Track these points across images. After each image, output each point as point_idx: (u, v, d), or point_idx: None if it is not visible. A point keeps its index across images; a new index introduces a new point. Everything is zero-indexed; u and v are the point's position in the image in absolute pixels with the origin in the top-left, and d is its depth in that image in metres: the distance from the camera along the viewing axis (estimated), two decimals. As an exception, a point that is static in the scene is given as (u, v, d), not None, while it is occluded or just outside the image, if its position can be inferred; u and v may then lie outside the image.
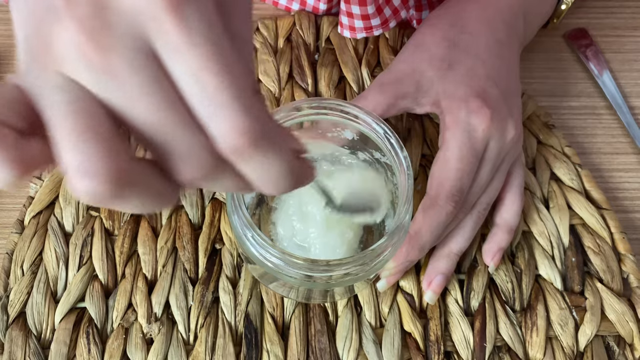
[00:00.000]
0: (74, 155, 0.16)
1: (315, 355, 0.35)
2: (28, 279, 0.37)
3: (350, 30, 0.44)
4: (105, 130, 0.16)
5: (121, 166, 0.16)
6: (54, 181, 0.41)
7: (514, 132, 0.37)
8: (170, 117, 0.16)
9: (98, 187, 0.16)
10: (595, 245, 0.40)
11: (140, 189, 0.17)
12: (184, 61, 0.16)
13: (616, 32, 0.52)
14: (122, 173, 0.16)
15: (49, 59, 0.16)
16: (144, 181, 0.17)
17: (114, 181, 0.16)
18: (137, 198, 0.17)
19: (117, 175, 0.16)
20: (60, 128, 0.16)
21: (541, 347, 0.36)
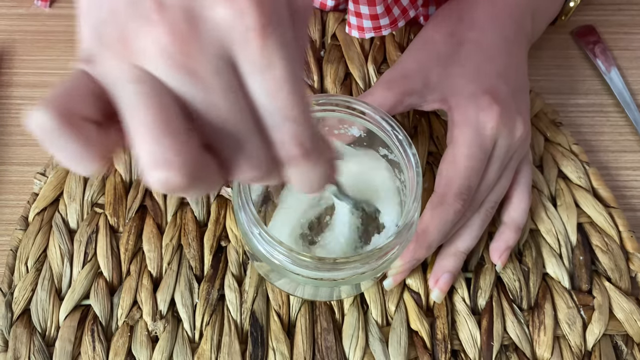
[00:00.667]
0: (151, 146, 0.17)
1: (322, 353, 0.35)
2: (32, 276, 0.37)
3: (359, 30, 0.44)
4: (180, 124, 0.17)
5: (194, 159, 0.17)
6: (58, 177, 0.41)
7: (523, 129, 0.36)
8: (242, 121, 0.18)
9: (173, 178, 0.17)
10: (603, 243, 0.39)
11: (205, 180, 0.18)
12: (262, 80, 0.18)
13: (624, 30, 0.51)
14: (195, 166, 0.17)
15: (127, 51, 0.17)
16: (209, 174, 0.18)
17: (187, 173, 0.17)
18: (200, 188, 0.18)
19: (191, 168, 0.17)
20: (138, 119, 0.17)
21: (549, 346, 0.36)
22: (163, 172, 0.17)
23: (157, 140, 0.17)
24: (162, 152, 0.17)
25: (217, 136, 0.18)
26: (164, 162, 0.17)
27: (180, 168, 0.17)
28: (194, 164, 0.17)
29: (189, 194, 0.18)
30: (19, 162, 0.43)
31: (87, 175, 0.18)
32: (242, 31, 0.17)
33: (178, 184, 0.17)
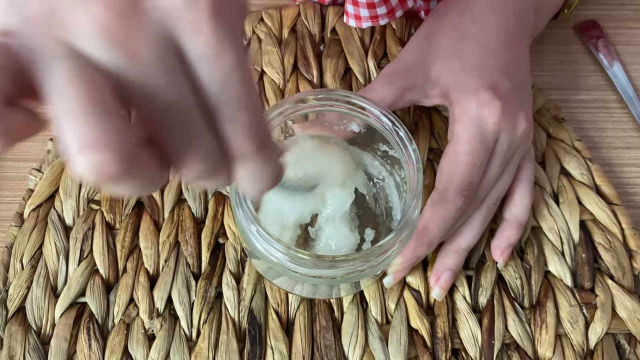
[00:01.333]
0: (80, 126, 0.15)
1: (320, 352, 0.35)
2: (28, 273, 0.37)
3: (356, 20, 0.43)
4: (113, 107, 0.16)
5: (129, 144, 0.16)
6: (54, 173, 0.40)
7: (525, 125, 0.36)
8: (187, 110, 0.17)
9: (105, 162, 0.15)
10: (605, 241, 0.39)
11: (143, 172, 0.17)
12: (214, 67, 0.17)
13: (627, 24, 0.50)
14: (131, 152, 0.16)
15: (56, 26, 0.16)
16: (148, 165, 0.17)
17: (121, 158, 0.15)
18: (136, 180, 0.16)
19: (126, 153, 0.15)
20: (66, 97, 0.15)
21: (550, 344, 0.35)
22: (93, 155, 0.15)
23: (87, 120, 0.15)
24: (92, 133, 0.15)
25: (158, 126, 0.17)
26: (94, 144, 0.15)
27: (113, 151, 0.15)
28: (129, 149, 0.15)
29: (125, 186, 0.16)
30: (15, 158, 0.43)
31: None
32: (190, 14, 0.16)
33: (110, 170, 0.15)
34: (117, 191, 0.17)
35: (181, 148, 0.17)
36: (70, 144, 0.15)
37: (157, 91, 0.16)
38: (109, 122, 0.15)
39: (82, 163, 0.15)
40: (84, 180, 0.16)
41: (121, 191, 0.17)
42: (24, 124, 0.16)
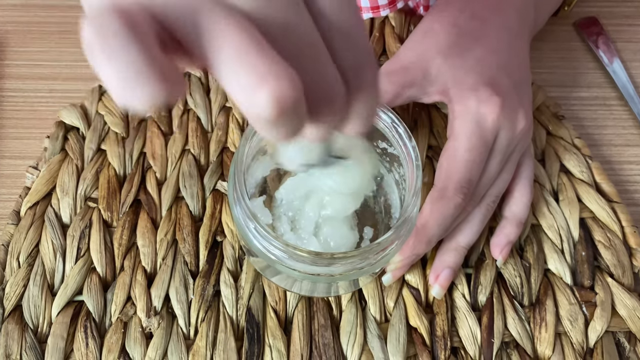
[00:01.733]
0: (253, 64, 0.15)
1: (319, 350, 0.35)
2: (24, 271, 0.36)
3: None
4: (269, 45, 0.16)
5: (294, 73, 0.16)
6: (50, 171, 0.40)
7: (525, 122, 0.35)
8: (317, 45, 0.18)
9: (286, 88, 0.15)
10: (605, 239, 0.39)
11: (300, 113, 0.17)
12: None
13: (627, 21, 0.50)
14: (298, 78, 0.16)
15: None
16: (303, 107, 0.17)
17: (296, 86, 0.16)
18: (297, 117, 0.17)
19: (296, 79, 0.16)
20: (232, 41, 0.15)
21: (550, 343, 0.35)
22: (274, 82, 0.15)
23: (258, 57, 0.15)
24: (267, 67, 0.15)
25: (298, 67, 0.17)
26: (272, 75, 0.15)
27: (289, 80, 0.15)
28: (297, 78, 0.16)
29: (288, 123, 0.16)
30: (11, 155, 0.42)
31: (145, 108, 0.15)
32: None
33: (291, 98, 0.15)
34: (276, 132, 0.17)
35: (318, 88, 0.18)
36: (246, 82, 0.15)
37: (291, 29, 0.17)
38: (275, 57, 0.16)
39: (263, 95, 0.15)
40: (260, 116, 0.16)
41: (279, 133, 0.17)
42: (178, 77, 0.16)
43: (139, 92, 0.15)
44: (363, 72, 0.19)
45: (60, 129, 0.42)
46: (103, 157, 0.41)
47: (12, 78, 0.46)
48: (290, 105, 0.16)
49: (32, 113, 0.44)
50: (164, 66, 0.15)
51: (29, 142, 0.43)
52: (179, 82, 0.16)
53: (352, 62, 0.19)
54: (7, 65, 0.47)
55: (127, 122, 0.43)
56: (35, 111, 0.44)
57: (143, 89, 0.14)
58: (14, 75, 0.46)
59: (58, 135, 0.42)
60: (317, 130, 0.20)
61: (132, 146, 0.42)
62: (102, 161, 0.41)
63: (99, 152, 0.41)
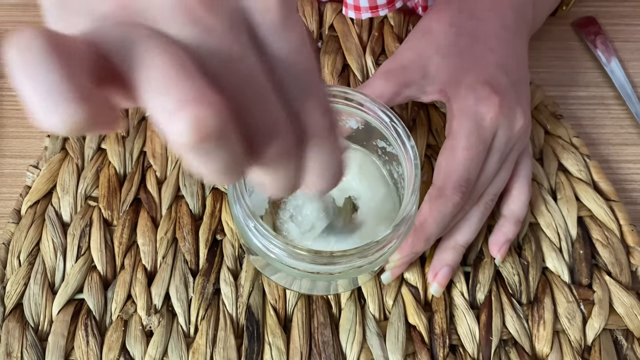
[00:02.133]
0: (177, 88, 0.15)
1: (318, 348, 0.35)
2: (25, 269, 0.37)
3: (355, 11, 0.43)
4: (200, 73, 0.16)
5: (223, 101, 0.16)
6: (51, 170, 0.40)
7: (523, 121, 0.36)
8: (260, 83, 0.17)
9: (206, 115, 0.15)
10: (603, 237, 0.39)
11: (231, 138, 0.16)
12: (284, 37, 0.17)
13: (625, 21, 0.51)
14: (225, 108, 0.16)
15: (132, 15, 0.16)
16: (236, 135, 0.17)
17: (219, 113, 0.15)
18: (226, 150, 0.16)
19: (221, 109, 0.15)
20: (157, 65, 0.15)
21: (548, 341, 0.35)
22: (192, 108, 0.15)
23: (181, 81, 0.15)
24: (189, 92, 0.15)
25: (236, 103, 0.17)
26: (193, 99, 0.15)
27: (211, 105, 0.15)
28: (223, 106, 0.16)
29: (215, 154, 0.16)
30: (12, 154, 0.43)
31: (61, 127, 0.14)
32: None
33: (211, 125, 0.15)
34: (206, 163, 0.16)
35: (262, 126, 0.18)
36: (166, 107, 0.15)
37: (231, 64, 0.17)
38: (200, 84, 0.15)
39: (181, 120, 0.15)
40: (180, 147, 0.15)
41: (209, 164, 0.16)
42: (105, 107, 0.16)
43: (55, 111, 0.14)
44: (314, 116, 0.18)
45: (60, 128, 0.42)
46: (103, 156, 0.41)
47: (13, 77, 0.46)
48: (211, 133, 0.15)
49: (33, 112, 0.44)
50: (83, 88, 0.15)
51: (30, 141, 0.43)
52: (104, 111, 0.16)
53: (303, 105, 0.18)
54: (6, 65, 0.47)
55: (128, 121, 0.43)
56: (36, 110, 0.44)
57: (59, 107, 0.14)
58: (14, 74, 0.46)
59: (58, 134, 0.42)
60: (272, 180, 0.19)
61: (132, 145, 0.42)
62: (102, 160, 0.41)
63: (99, 151, 0.42)
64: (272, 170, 0.19)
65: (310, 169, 0.19)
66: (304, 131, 0.19)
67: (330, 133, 0.19)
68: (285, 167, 0.19)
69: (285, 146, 0.18)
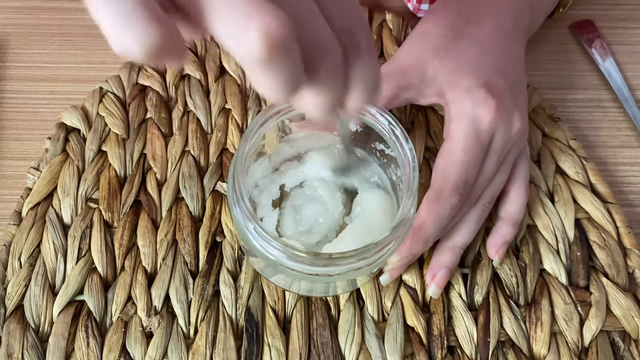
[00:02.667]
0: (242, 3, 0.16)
1: (317, 349, 0.35)
2: (26, 271, 0.37)
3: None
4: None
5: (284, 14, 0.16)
6: (52, 172, 0.40)
7: (520, 124, 0.36)
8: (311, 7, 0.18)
9: (274, 23, 0.16)
10: (600, 239, 0.39)
11: (295, 51, 0.17)
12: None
13: (622, 24, 0.51)
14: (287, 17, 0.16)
15: None
16: (295, 49, 0.17)
17: (285, 23, 0.16)
18: (289, 64, 0.17)
19: (286, 17, 0.16)
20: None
21: (545, 342, 0.36)
22: (263, 19, 0.15)
23: None
24: (255, 6, 0.16)
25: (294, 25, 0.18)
26: (260, 12, 0.16)
27: (277, 16, 0.16)
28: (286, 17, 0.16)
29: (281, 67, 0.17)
30: (13, 156, 0.43)
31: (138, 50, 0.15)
32: None
33: (280, 34, 0.16)
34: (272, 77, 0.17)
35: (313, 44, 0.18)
36: (235, 23, 0.16)
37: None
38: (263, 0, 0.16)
39: (252, 32, 0.15)
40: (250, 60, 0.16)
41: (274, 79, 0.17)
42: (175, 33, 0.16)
43: (131, 34, 0.15)
44: (356, 35, 0.20)
45: (61, 130, 0.42)
46: (104, 159, 0.41)
47: (13, 80, 0.46)
48: (280, 42, 0.16)
49: (33, 115, 0.45)
50: (156, 10, 0.15)
51: (30, 144, 0.43)
52: (174, 38, 0.16)
53: (345, 25, 0.19)
54: (8, 67, 0.47)
55: (128, 123, 0.43)
56: (37, 113, 0.45)
57: (135, 30, 0.15)
58: (15, 77, 0.47)
59: (59, 136, 0.42)
60: (320, 98, 0.20)
61: (132, 147, 0.42)
62: (102, 162, 0.41)
63: (100, 154, 0.42)
64: (321, 86, 0.20)
65: (353, 85, 0.21)
66: (348, 50, 0.20)
67: (371, 51, 0.20)
68: (334, 83, 0.20)
69: (336, 63, 0.19)
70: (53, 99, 0.45)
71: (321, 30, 0.19)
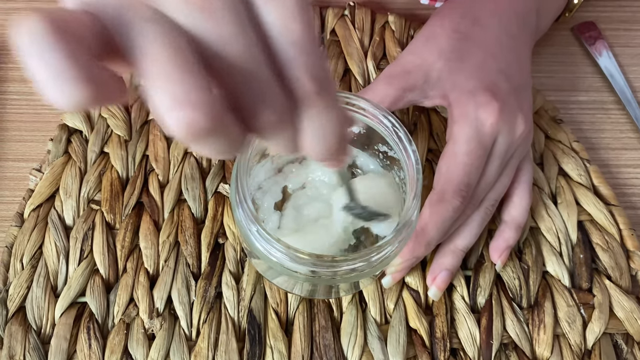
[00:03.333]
0: (172, 85, 0.16)
1: (320, 351, 0.35)
2: (28, 273, 0.37)
3: None
4: (198, 67, 0.16)
5: (215, 101, 0.16)
6: (54, 174, 0.40)
7: (524, 127, 0.36)
8: (256, 57, 0.18)
9: (196, 118, 0.16)
10: (603, 241, 0.39)
11: (225, 130, 0.17)
12: (276, 9, 0.18)
13: (625, 26, 0.51)
14: (217, 108, 0.16)
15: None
16: (229, 123, 0.18)
17: (210, 115, 0.16)
18: (221, 139, 0.17)
19: (213, 110, 0.16)
20: (156, 58, 0.16)
21: (548, 344, 0.36)
22: (185, 111, 0.16)
23: (178, 79, 0.16)
24: (183, 91, 0.16)
25: (233, 81, 0.18)
26: (186, 101, 0.16)
27: (202, 107, 0.16)
28: (215, 105, 0.16)
29: (211, 144, 0.17)
30: (15, 158, 0.43)
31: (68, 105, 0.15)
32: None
33: (201, 126, 0.16)
34: (203, 149, 0.17)
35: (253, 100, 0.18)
36: (161, 102, 0.16)
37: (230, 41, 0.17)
38: (197, 81, 0.16)
39: (174, 120, 0.16)
40: (175, 136, 0.16)
41: (207, 150, 0.17)
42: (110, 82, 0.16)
43: (61, 92, 0.15)
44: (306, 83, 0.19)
45: (63, 131, 0.42)
46: (106, 160, 0.41)
47: (16, 81, 0.46)
48: (202, 132, 0.16)
49: (36, 116, 0.45)
50: (88, 69, 0.15)
51: (32, 145, 0.43)
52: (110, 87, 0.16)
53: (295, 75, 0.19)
54: (10, 68, 0.47)
55: (130, 125, 0.43)
56: (39, 114, 0.45)
57: (65, 89, 0.15)
58: (17, 78, 0.46)
59: (61, 138, 0.42)
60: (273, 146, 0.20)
61: (134, 149, 0.42)
62: (105, 164, 0.41)
63: (102, 155, 0.42)
64: (269, 139, 0.20)
65: (304, 136, 0.20)
66: (300, 99, 0.19)
67: (320, 97, 0.19)
68: (280, 134, 0.19)
69: (276, 118, 0.19)
70: (55, 100, 0.45)
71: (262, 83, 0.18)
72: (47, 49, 0.15)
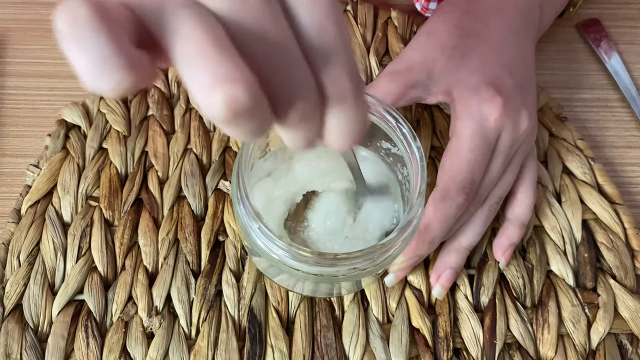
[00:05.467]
0: (212, 64, 0.16)
1: (321, 350, 0.34)
2: (25, 270, 0.36)
3: None
4: (233, 47, 0.16)
5: (254, 79, 0.16)
6: (51, 169, 0.40)
7: (528, 123, 0.35)
8: (290, 49, 0.18)
9: (240, 94, 0.16)
10: (608, 240, 0.39)
11: (263, 108, 0.17)
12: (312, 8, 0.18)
13: (630, 23, 0.50)
14: (257, 85, 0.16)
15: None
16: (265, 104, 0.17)
17: (252, 92, 0.16)
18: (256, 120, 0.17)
19: (254, 86, 0.16)
20: (194, 41, 0.16)
21: (552, 344, 0.35)
22: (228, 87, 0.15)
23: (217, 58, 0.16)
24: (224, 69, 0.16)
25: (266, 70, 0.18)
26: (228, 77, 0.15)
27: (244, 83, 0.16)
28: (256, 84, 0.16)
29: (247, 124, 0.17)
30: (12, 153, 0.42)
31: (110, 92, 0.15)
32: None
33: (243, 103, 0.16)
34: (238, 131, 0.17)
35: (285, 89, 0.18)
36: (202, 82, 0.16)
37: (263, 33, 0.17)
38: (235, 59, 0.16)
39: (216, 97, 0.15)
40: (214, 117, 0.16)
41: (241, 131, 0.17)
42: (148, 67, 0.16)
43: (105, 80, 0.15)
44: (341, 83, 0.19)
45: (61, 127, 0.42)
46: (104, 156, 0.41)
47: (13, 76, 0.46)
48: (244, 110, 0.16)
49: (34, 111, 0.44)
50: (131, 55, 0.15)
51: (30, 140, 0.43)
52: (148, 73, 0.16)
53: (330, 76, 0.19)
54: (8, 62, 0.46)
55: (129, 120, 0.43)
56: (37, 109, 0.44)
57: (110, 76, 0.15)
58: (15, 73, 0.46)
59: (59, 133, 0.41)
60: (294, 137, 0.20)
61: (133, 145, 0.41)
62: (103, 160, 0.41)
63: (101, 151, 0.41)
64: (292, 129, 0.19)
65: (330, 130, 0.20)
66: (326, 95, 0.19)
67: (350, 98, 0.19)
68: (305, 128, 0.20)
69: (306, 109, 0.19)
70: (53, 96, 0.45)
71: (296, 77, 0.18)
72: (92, 34, 0.15)
